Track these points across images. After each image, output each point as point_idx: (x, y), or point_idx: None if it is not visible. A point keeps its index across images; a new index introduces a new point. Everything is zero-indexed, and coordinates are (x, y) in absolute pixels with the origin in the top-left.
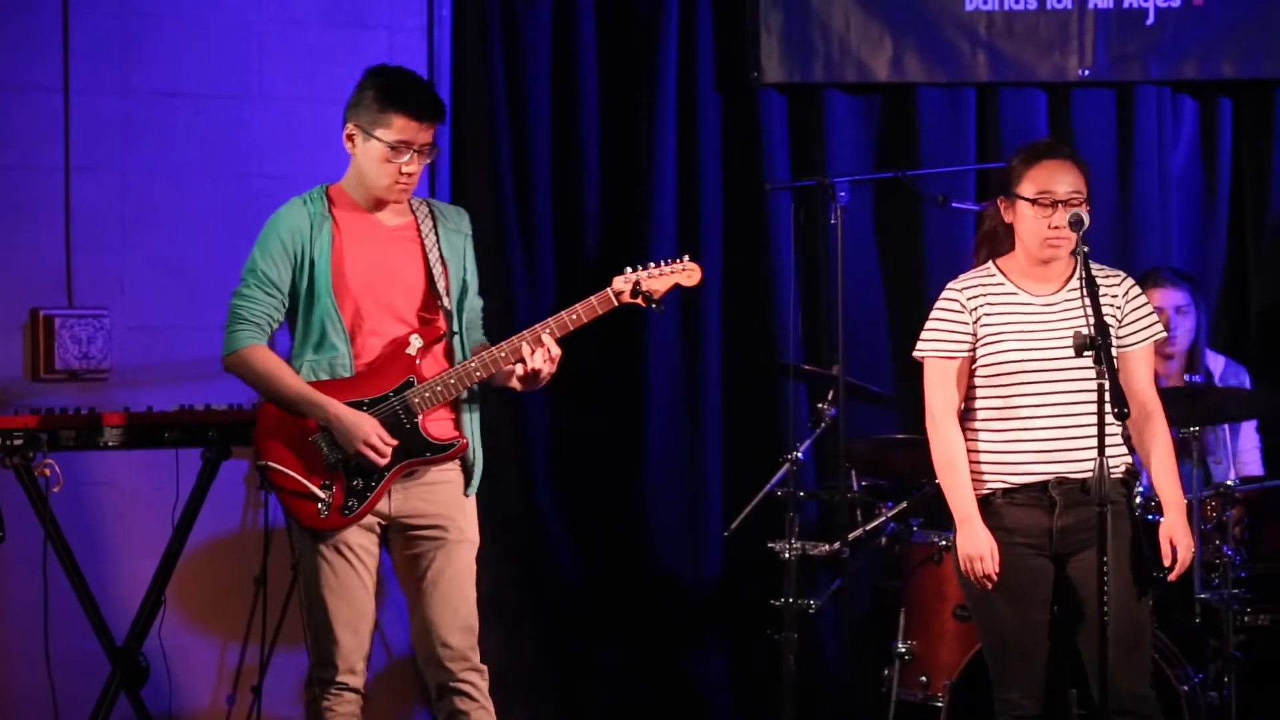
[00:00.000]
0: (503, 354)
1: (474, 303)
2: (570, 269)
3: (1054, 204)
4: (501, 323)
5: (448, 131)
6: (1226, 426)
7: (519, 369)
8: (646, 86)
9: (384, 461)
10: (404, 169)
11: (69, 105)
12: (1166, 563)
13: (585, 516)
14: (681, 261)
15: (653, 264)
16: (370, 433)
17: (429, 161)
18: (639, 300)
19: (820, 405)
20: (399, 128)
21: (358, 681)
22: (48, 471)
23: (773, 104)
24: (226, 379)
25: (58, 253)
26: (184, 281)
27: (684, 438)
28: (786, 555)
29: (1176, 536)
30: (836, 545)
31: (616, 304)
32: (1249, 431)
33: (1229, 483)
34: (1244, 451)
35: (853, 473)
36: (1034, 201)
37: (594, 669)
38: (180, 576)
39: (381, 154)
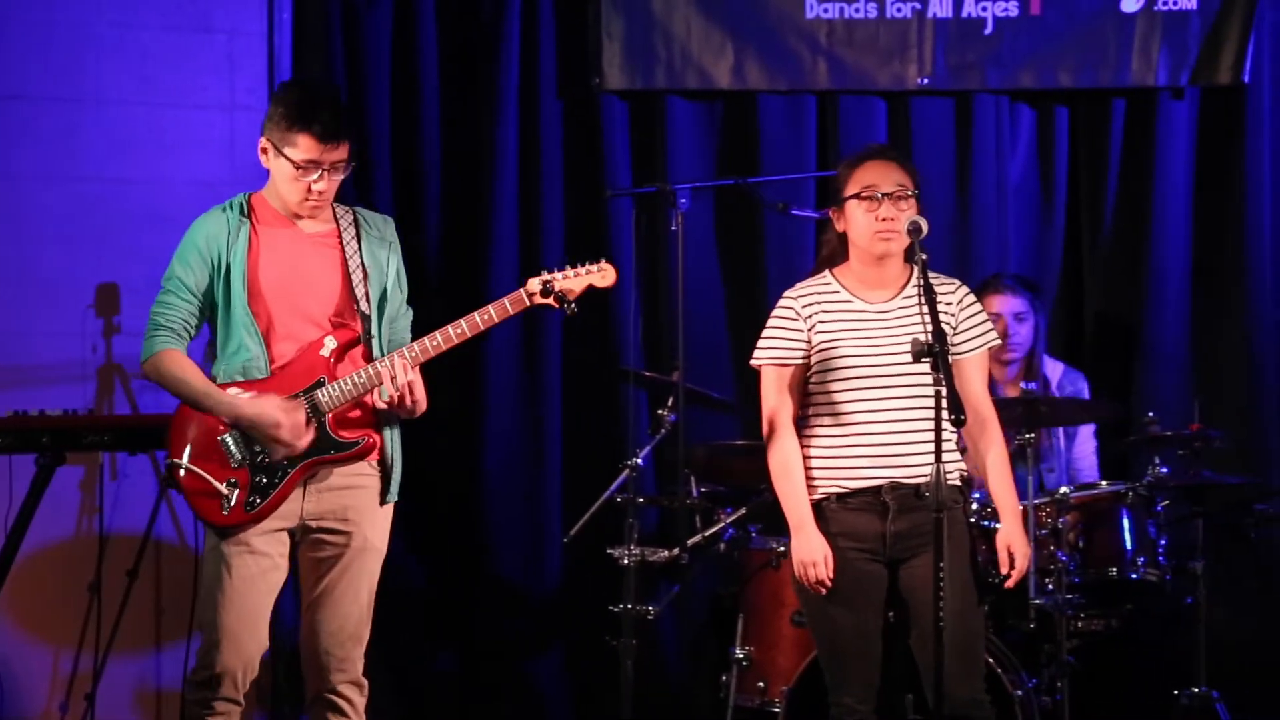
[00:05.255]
0: (382, 366)
1: (399, 315)
2: (412, 277)
3: (879, 197)
4: None
5: None
6: (1061, 433)
7: (380, 400)
8: (488, 93)
9: (302, 443)
10: (313, 186)
11: None
12: (1004, 570)
13: (424, 522)
14: (598, 264)
15: (569, 266)
16: (275, 413)
17: (344, 177)
18: (551, 300)
19: (660, 411)
20: (305, 148)
21: (235, 692)
22: None
23: (614, 110)
24: (62, 385)
25: None
26: (21, 285)
27: (524, 443)
28: (625, 561)
29: (1014, 544)
30: (675, 551)
31: (529, 304)
32: (1086, 437)
33: (1064, 489)
34: (1081, 458)
35: (692, 479)
36: (859, 197)
37: (432, 673)
38: (13, 584)
39: (290, 172)
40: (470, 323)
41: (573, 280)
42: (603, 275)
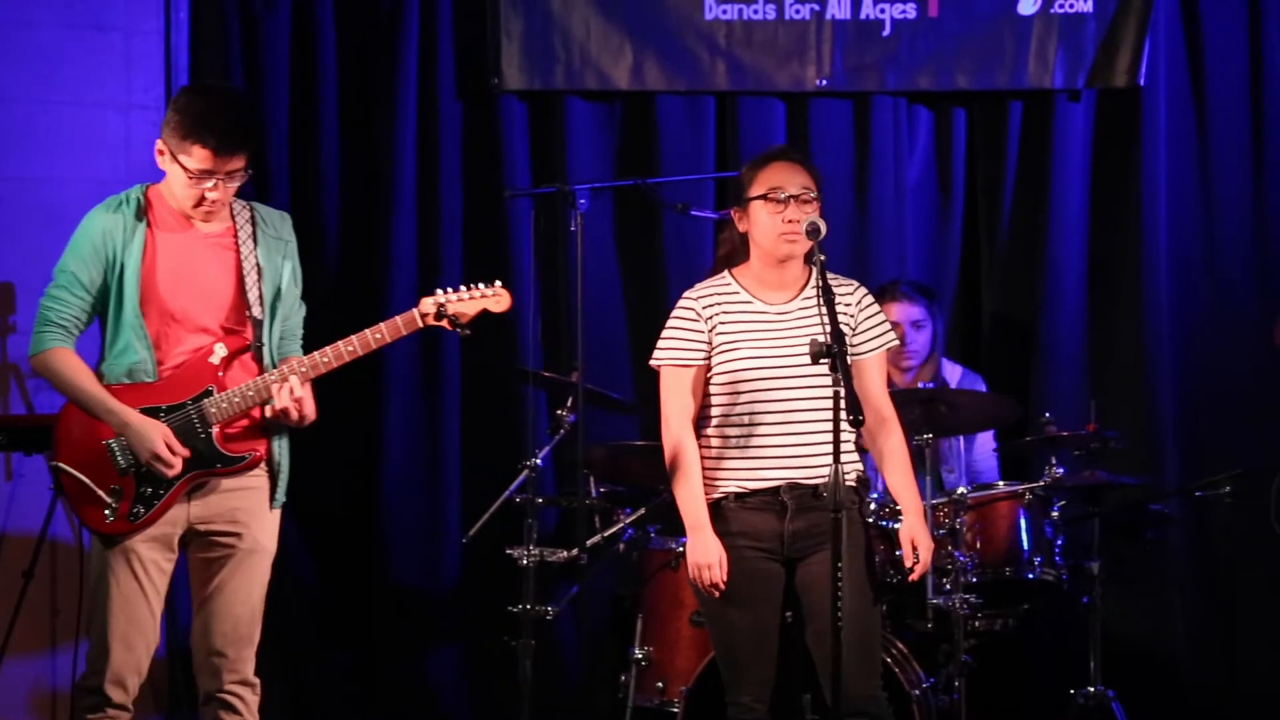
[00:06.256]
0: (272, 379)
1: (293, 313)
2: (309, 278)
3: (786, 200)
4: None
5: None
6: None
7: (267, 409)
8: (386, 93)
9: (172, 472)
10: (207, 194)
11: None
12: (909, 564)
13: (320, 522)
14: (493, 286)
15: (464, 287)
16: (159, 442)
17: (240, 184)
18: (444, 323)
19: (559, 412)
20: (200, 158)
21: (124, 697)
22: None
23: (513, 111)
24: None
25: None
26: None
27: (423, 443)
28: (525, 561)
29: (918, 538)
30: (574, 552)
31: (421, 325)
32: (986, 439)
33: (961, 490)
34: (980, 459)
35: (591, 479)
36: (765, 198)
37: (328, 674)
38: None
39: (184, 179)
40: (361, 340)
41: (466, 304)
42: (497, 300)
